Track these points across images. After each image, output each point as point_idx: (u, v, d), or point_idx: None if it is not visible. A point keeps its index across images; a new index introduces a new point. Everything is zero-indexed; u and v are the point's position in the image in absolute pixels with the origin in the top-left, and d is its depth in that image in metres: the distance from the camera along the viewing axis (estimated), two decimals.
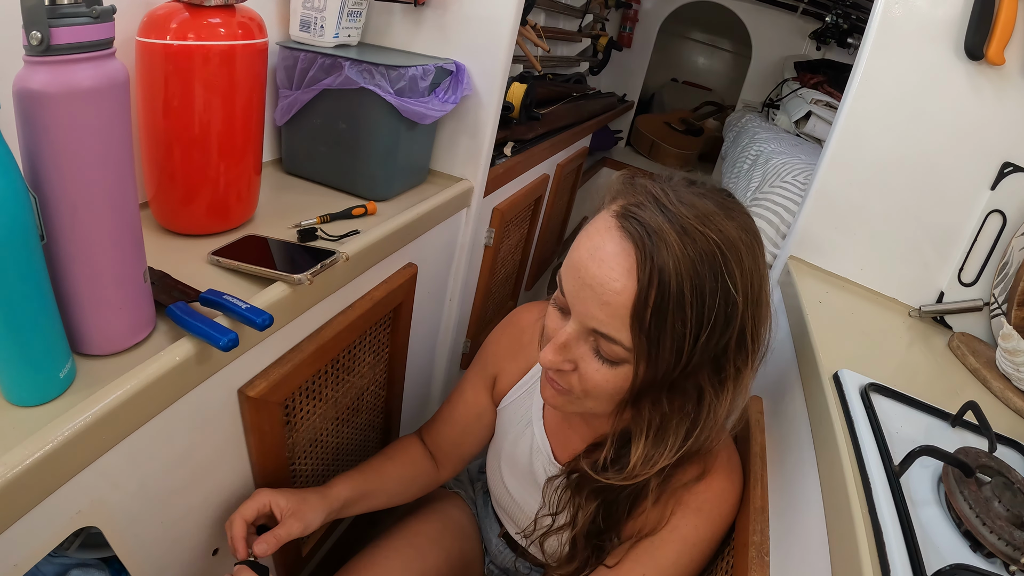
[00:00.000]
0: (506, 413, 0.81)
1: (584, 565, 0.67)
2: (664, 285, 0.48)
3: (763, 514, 0.59)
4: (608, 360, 0.54)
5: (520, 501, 0.78)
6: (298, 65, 0.87)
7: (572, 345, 0.55)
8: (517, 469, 0.78)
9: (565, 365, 0.56)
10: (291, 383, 0.70)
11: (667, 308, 0.49)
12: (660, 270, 0.48)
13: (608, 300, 0.50)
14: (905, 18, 0.78)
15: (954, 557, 0.42)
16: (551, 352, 0.55)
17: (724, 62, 3.21)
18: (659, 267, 0.48)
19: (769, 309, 0.56)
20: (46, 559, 0.54)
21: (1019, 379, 0.65)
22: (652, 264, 0.48)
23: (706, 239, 0.49)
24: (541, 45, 1.59)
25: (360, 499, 0.78)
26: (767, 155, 1.49)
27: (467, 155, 1.07)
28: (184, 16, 0.62)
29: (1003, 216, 0.78)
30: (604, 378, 0.55)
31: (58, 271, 0.46)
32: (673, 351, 0.51)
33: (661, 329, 0.49)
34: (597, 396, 0.57)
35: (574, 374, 0.56)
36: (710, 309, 0.49)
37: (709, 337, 0.51)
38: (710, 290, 0.49)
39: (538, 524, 0.73)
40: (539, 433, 0.75)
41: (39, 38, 0.40)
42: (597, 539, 0.66)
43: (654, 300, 0.49)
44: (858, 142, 0.85)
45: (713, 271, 0.49)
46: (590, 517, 0.65)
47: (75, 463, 0.45)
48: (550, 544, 0.72)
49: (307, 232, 0.77)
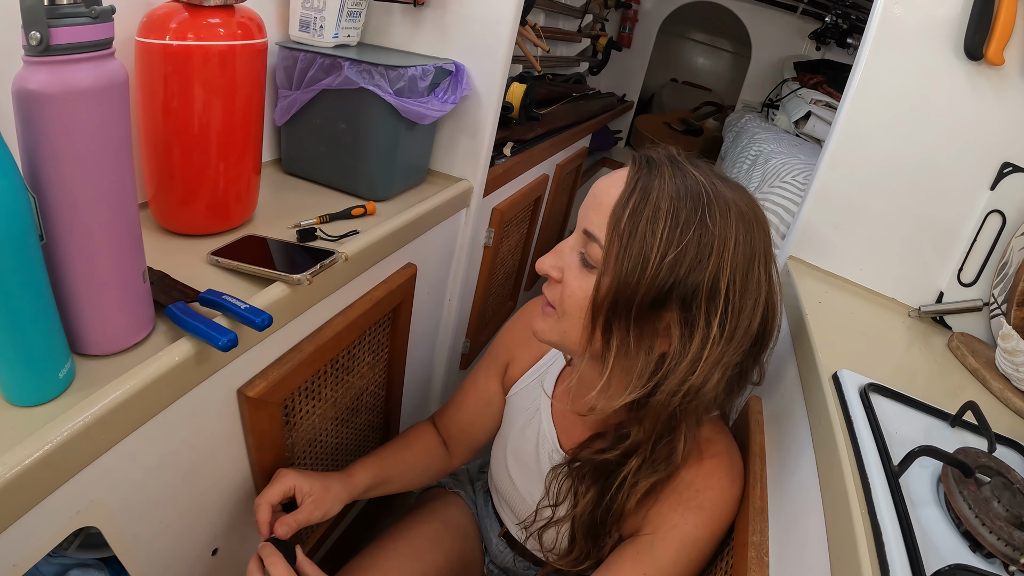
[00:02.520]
0: (515, 401, 0.82)
1: (583, 557, 0.67)
2: (644, 193, 0.54)
3: (762, 514, 0.59)
4: (588, 265, 0.58)
5: (523, 491, 0.78)
6: (297, 65, 0.87)
7: (566, 252, 0.61)
8: (523, 457, 0.78)
9: (553, 272, 0.61)
10: (290, 383, 0.70)
11: (641, 214, 0.54)
12: (646, 183, 0.55)
13: (600, 201, 0.57)
14: (905, 18, 0.78)
15: (953, 557, 0.42)
16: (545, 257, 0.62)
17: (724, 62, 3.21)
18: (646, 181, 0.55)
19: (761, 294, 0.57)
20: (45, 559, 0.54)
21: (1019, 379, 0.65)
22: (642, 177, 0.56)
23: (697, 182, 0.55)
24: (541, 45, 1.59)
25: (378, 486, 0.81)
26: (767, 155, 1.49)
27: (466, 155, 1.06)
28: (183, 16, 0.62)
29: (1002, 216, 0.78)
30: (579, 285, 0.58)
31: (57, 271, 0.46)
32: (639, 259, 0.53)
33: (632, 232, 0.54)
34: (570, 308, 0.59)
35: (559, 286, 0.61)
36: (682, 234, 0.53)
37: (676, 261, 0.53)
38: (686, 218, 0.53)
39: (538, 515, 0.73)
40: (546, 421, 0.76)
41: (38, 38, 0.40)
42: (595, 531, 0.66)
43: (632, 204, 0.54)
44: (858, 142, 0.85)
45: (695, 205, 0.54)
46: (589, 506, 0.65)
47: (74, 463, 0.45)
48: (548, 536, 0.72)
49: (306, 232, 0.77)
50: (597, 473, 0.65)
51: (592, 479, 0.65)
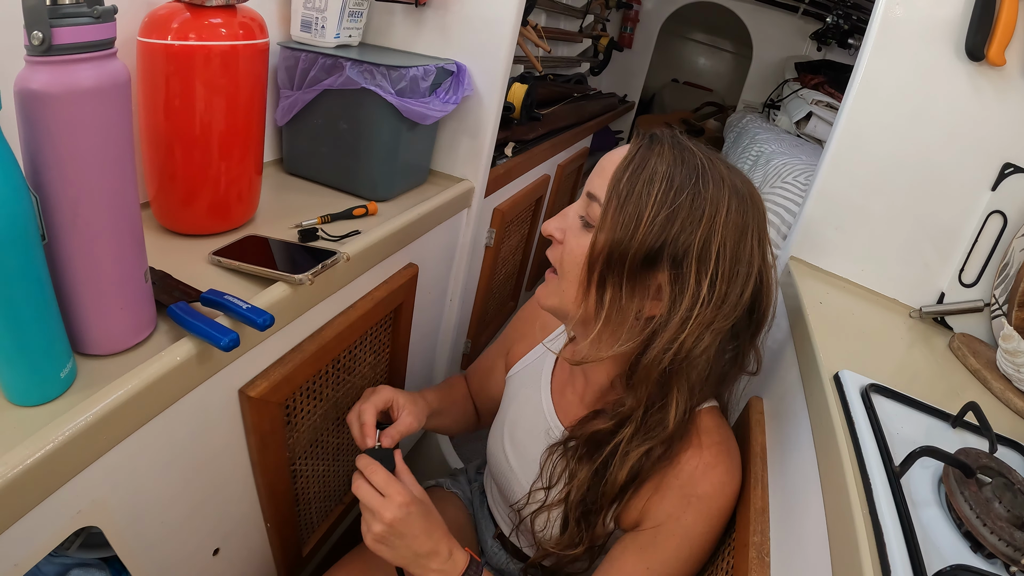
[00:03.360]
0: (515, 380, 0.83)
1: (575, 542, 0.67)
2: (644, 159, 0.58)
3: (763, 514, 0.59)
4: (587, 226, 0.61)
5: (518, 470, 0.77)
6: (299, 65, 0.87)
7: (570, 215, 0.64)
8: (520, 435, 0.78)
9: (557, 233, 0.64)
10: (292, 383, 0.70)
11: (639, 176, 0.58)
12: (646, 151, 0.59)
13: (604, 167, 0.61)
14: (906, 19, 0.78)
15: (955, 558, 0.42)
16: (552, 219, 0.65)
17: (725, 63, 3.21)
18: (646, 150, 0.59)
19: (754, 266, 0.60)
20: (47, 559, 0.54)
21: (1020, 380, 0.65)
22: (643, 146, 0.60)
23: (695, 155, 0.59)
24: (542, 45, 1.59)
25: (438, 414, 0.85)
26: (768, 156, 1.49)
27: (468, 155, 1.07)
28: (185, 16, 0.62)
29: (1004, 217, 0.77)
30: (578, 243, 0.61)
31: (59, 271, 0.46)
32: (634, 217, 0.57)
33: (629, 191, 0.57)
34: (569, 267, 0.62)
35: (560, 247, 0.64)
36: (675, 196, 0.57)
37: (668, 220, 0.56)
38: (680, 183, 0.57)
39: (531, 498, 0.73)
40: (545, 399, 0.77)
41: (40, 38, 0.40)
42: (588, 513, 0.66)
43: (632, 167, 0.58)
44: (859, 143, 0.85)
45: (689, 173, 0.57)
46: (583, 485, 0.65)
47: (76, 463, 0.45)
48: (539, 522, 0.72)
49: (308, 232, 0.77)
50: (591, 448, 0.66)
51: (587, 456, 0.66)
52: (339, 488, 1.00)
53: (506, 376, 0.86)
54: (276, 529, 0.80)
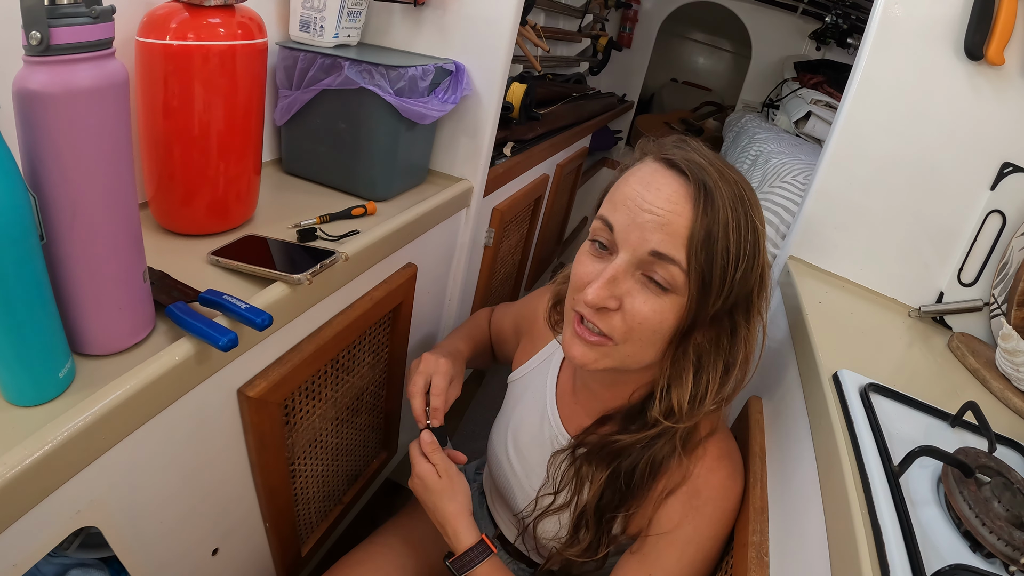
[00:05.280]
0: (518, 385, 0.83)
1: (593, 545, 0.67)
2: (716, 212, 0.53)
3: (763, 514, 0.59)
4: (660, 287, 0.55)
5: (521, 475, 0.77)
6: (298, 65, 0.87)
7: (620, 279, 0.55)
8: (524, 439, 0.78)
9: (611, 302, 0.56)
10: (291, 383, 0.70)
11: (717, 234, 0.53)
12: (712, 198, 0.53)
13: (669, 221, 0.53)
14: (905, 18, 0.78)
15: (954, 557, 0.42)
16: (599, 287, 0.55)
17: (724, 62, 3.21)
18: (711, 195, 0.53)
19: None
20: (46, 559, 0.54)
21: (1019, 379, 0.65)
22: (705, 192, 0.53)
23: (734, 179, 0.56)
24: (541, 45, 1.59)
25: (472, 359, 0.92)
26: (767, 155, 1.49)
27: (467, 155, 1.06)
28: (184, 16, 0.62)
29: (1003, 216, 0.78)
30: (652, 309, 0.55)
31: (58, 271, 0.46)
32: (720, 278, 0.54)
33: (712, 254, 0.53)
34: (641, 335, 0.56)
35: (617, 314, 0.56)
36: (745, 241, 0.54)
37: (746, 269, 0.55)
38: (744, 224, 0.54)
39: (539, 503, 0.73)
40: (551, 406, 0.76)
41: (39, 38, 0.40)
42: (605, 517, 0.66)
43: (706, 225, 0.53)
44: (858, 142, 0.85)
45: (744, 206, 0.55)
46: (599, 491, 0.65)
47: (74, 463, 0.45)
48: (548, 526, 0.71)
49: (307, 232, 0.77)
50: (613, 456, 0.65)
51: (607, 462, 0.65)
52: (338, 488, 1.00)
53: (508, 379, 0.86)
54: (275, 529, 0.80)
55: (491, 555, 0.68)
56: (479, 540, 0.68)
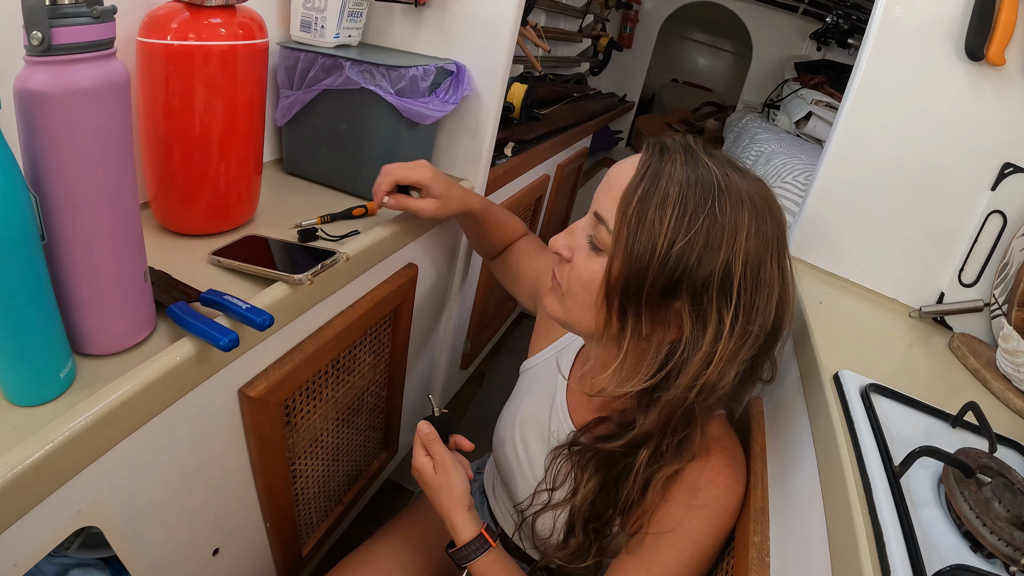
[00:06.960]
0: (531, 374, 0.83)
1: (582, 550, 0.67)
2: (654, 179, 0.55)
3: (763, 514, 0.59)
4: (595, 247, 0.59)
5: (526, 466, 0.77)
6: (299, 65, 0.87)
7: (578, 232, 0.62)
8: (532, 428, 0.78)
9: (564, 251, 0.62)
10: (291, 383, 0.70)
11: (650, 200, 0.54)
12: (656, 169, 0.56)
13: (612, 185, 0.58)
14: (906, 19, 0.78)
15: (954, 558, 0.42)
16: (561, 235, 0.63)
17: (724, 62, 3.21)
18: (656, 167, 0.56)
19: (775, 289, 0.57)
20: (46, 559, 0.53)
21: (1019, 380, 0.65)
22: (653, 163, 0.56)
23: (710, 171, 0.55)
24: (542, 45, 1.59)
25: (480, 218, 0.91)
26: (768, 155, 1.49)
27: (467, 155, 1.06)
28: (185, 16, 0.62)
29: (1003, 217, 0.77)
30: (585, 267, 0.60)
31: (59, 271, 0.46)
32: (648, 245, 0.54)
33: (641, 218, 0.54)
34: (575, 290, 0.61)
35: (567, 266, 0.62)
36: (691, 222, 0.53)
37: (684, 251, 0.53)
38: (695, 207, 0.54)
39: (535, 499, 0.73)
40: (560, 397, 0.76)
41: (40, 38, 0.40)
42: (597, 522, 0.66)
43: (642, 189, 0.55)
44: (859, 143, 0.85)
45: (704, 195, 0.54)
46: (590, 495, 0.65)
47: (75, 463, 0.45)
48: (544, 524, 0.71)
49: (307, 232, 0.77)
50: (601, 463, 0.65)
51: (595, 468, 0.65)
52: (339, 488, 1.00)
53: (521, 368, 0.86)
54: (276, 529, 0.80)
55: (490, 549, 0.69)
56: (478, 534, 0.69)
